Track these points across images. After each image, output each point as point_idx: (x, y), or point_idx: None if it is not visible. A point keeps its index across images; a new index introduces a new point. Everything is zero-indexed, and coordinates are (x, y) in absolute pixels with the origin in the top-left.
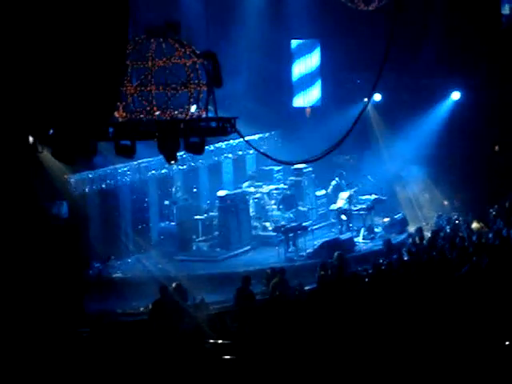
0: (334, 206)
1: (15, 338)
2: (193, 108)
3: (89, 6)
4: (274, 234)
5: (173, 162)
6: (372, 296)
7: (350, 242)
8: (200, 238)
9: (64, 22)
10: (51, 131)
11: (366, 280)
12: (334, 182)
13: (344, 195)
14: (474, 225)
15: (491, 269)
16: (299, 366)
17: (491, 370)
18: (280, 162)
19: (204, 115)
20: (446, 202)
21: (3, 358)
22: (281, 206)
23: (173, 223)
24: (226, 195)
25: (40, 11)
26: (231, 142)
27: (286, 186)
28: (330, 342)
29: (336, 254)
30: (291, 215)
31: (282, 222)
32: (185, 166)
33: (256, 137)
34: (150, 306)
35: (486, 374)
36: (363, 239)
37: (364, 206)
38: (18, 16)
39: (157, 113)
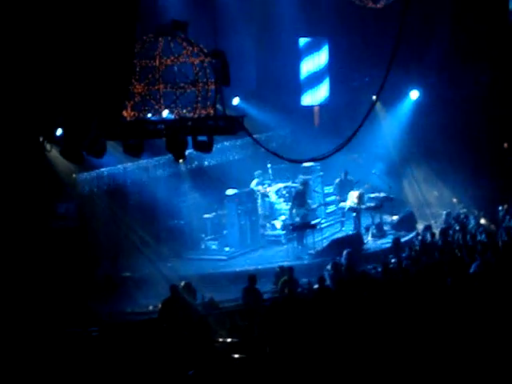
0: (343, 204)
1: (23, 338)
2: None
3: (97, 7)
4: (283, 232)
5: (181, 160)
6: (381, 294)
7: (359, 240)
8: (209, 237)
9: (73, 23)
10: (60, 131)
11: (376, 278)
12: (337, 180)
13: (354, 194)
14: (482, 221)
15: (501, 267)
16: (308, 364)
17: (502, 369)
18: (288, 161)
19: (212, 114)
20: (454, 200)
21: (12, 357)
22: (296, 202)
23: (181, 222)
24: (235, 194)
25: (50, 13)
26: (239, 140)
27: (296, 185)
28: (339, 341)
29: (345, 252)
30: (305, 211)
31: (297, 219)
32: (193, 165)
33: (264, 135)
34: (160, 305)
35: (498, 372)
36: (372, 237)
37: (373, 204)
38: (28, 17)
39: (165, 111)
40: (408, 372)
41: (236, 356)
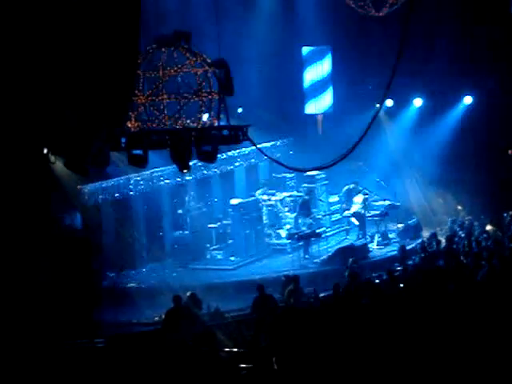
0: (347, 213)
1: (28, 348)
2: (205, 117)
3: (100, 18)
4: (288, 241)
5: (185, 170)
6: (387, 303)
7: (364, 249)
8: (214, 247)
9: (77, 35)
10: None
11: (381, 286)
12: (346, 187)
13: (358, 199)
14: (488, 227)
15: (507, 273)
16: (315, 373)
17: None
18: (293, 169)
19: (216, 123)
20: (459, 207)
21: (17, 368)
22: (302, 212)
23: (186, 232)
24: (240, 203)
25: (54, 24)
26: (243, 149)
27: (301, 194)
28: (346, 350)
29: (350, 260)
30: (311, 221)
31: (304, 228)
32: (198, 175)
33: (268, 144)
34: (164, 316)
35: (502, 376)
36: (377, 245)
37: (378, 212)
38: (31, 29)
39: (169, 122)
40: (416, 380)
41: (242, 366)
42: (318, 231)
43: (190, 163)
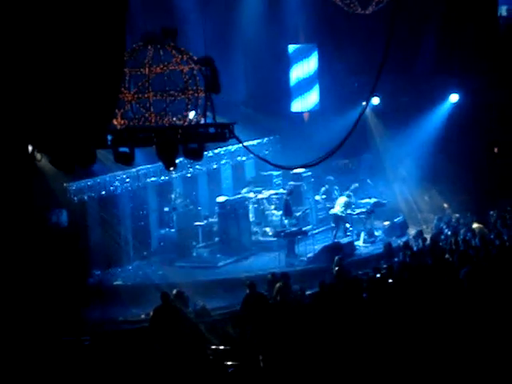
0: (332, 211)
1: (14, 347)
2: (191, 114)
3: (85, 15)
4: (275, 239)
5: (172, 168)
6: (373, 300)
7: (351, 246)
8: (200, 245)
9: (61, 31)
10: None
11: (367, 284)
12: (323, 189)
13: (341, 200)
14: (474, 225)
15: (493, 271)
16: (301, 371)
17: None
18: (279, 167)
19: (202, 121)
20: (445, 205)
21: (2, 365)
22: (284, 212)
23: (173, 230)
24: (226, 201)
25: (38, 20)
26: (230, 147)
27: (285, 191)
28: (333, 347)
29: (336, 258)
30: (295, 220)
31: (289, 226)
32: (185, 173)
33: (255, 142)
34: (151, 313)
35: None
36: (364, 243)
37: (364, 210)
38: (15, 24)
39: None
40: (402, 378)
41: (229, 364)
42: (304, 229)
43: (177, 161)
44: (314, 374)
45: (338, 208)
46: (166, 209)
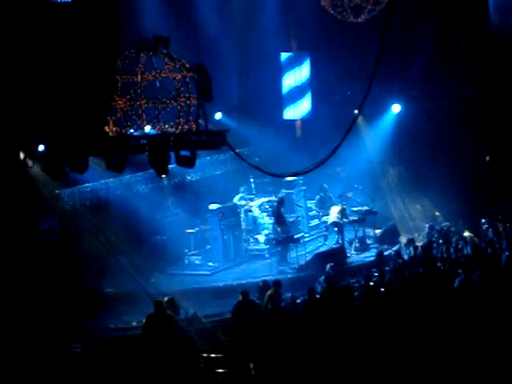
0: (326, 218)
1: (6, 353)
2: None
3: (79, 23)
4: (266, 246)
5: (164, 175)
6: (364, 308)
7: (343, 254)
8: (192, 252)
9: (55, 40)
10: (42, 147)
11: (359, 292)
12: (318, 197)
13: (335, 209)
14: (466, 233)
15: (485, 279)
16: (292, 378)
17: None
18: (271, 175)
19: (194, 129)
20: (437, 213)
21: None
22: (275, 220)
23: (164, 237)
24: (218, 208)
25: (33, 29)
26: (222, 155)
27: (276, 199)
28: (323, 355)
29: (328, 266)
30: (287, 227)
31: (281, 234)
32: (176, 180)
33: (247, 150)
34: (144, 320)
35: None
36: (355, 251)
37: (356, 218)
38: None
39: (147, 127)
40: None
41: (219, 371)
42: (296, 236)
43: (169, 168)
44: (305, 381)
45: (334, 215)
46: (158, 216)
